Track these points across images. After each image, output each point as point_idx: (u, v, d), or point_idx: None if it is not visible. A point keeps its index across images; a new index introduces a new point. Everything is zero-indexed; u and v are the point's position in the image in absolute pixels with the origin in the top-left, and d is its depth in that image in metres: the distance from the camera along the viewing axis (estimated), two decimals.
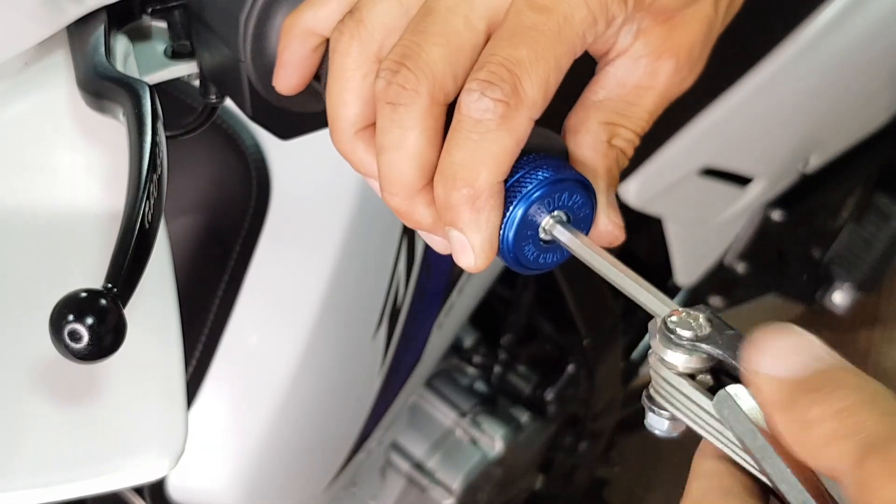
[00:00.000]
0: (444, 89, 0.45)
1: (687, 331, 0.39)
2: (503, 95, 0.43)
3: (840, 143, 1.42)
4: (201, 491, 0.95)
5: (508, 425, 1.31)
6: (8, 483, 0.52)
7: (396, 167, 0.46)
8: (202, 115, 0.63)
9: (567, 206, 0.45)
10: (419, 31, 0.45)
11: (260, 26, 0.53)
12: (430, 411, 1.29)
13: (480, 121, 0.44)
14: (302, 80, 0.52)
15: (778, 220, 1.48)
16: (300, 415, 0.96)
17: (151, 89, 0.49)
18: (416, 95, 0.45)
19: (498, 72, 0.44)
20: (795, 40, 1.19)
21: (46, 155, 0.56)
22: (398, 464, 1.28)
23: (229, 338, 0.89)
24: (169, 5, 0.56)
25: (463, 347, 1.35)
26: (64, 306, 0.40)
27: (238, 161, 0.85)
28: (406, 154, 0.45)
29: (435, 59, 0.45)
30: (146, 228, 0.45)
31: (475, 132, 0.44)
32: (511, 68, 0.44)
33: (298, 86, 0.52)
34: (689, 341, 0.39)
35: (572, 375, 1.36)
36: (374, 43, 0.47)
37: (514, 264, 0.46)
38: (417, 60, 0.45)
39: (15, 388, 0.53)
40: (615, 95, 0.49)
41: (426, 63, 0.44)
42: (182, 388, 0.55)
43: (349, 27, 0.47)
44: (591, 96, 0.49)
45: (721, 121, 1.19)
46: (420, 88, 0.44)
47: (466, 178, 0.44)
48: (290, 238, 0.88)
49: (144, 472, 0.54)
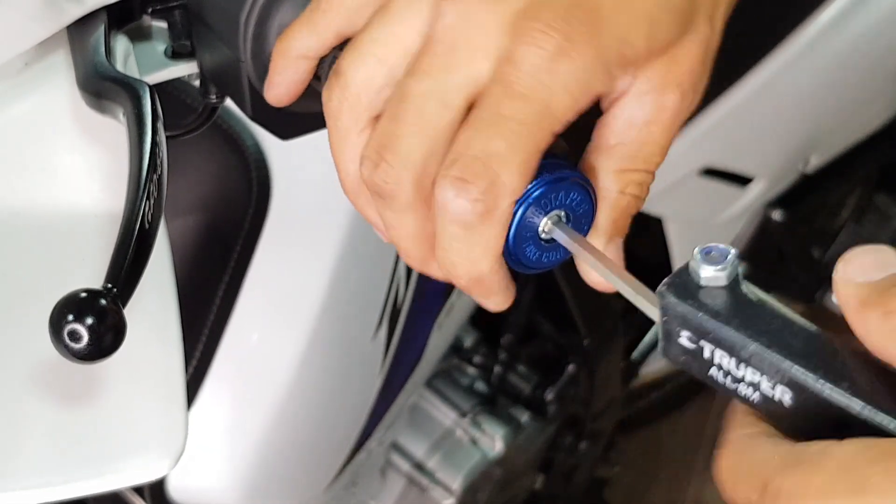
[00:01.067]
0: (427, 174, 0.44)
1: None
2: (480, 194, 0.43)
3: (840, 143, 1.42)
4: (201, 491, 0.95)
5: (508, 425, 1.31)
6: (8, 483, 0.52)
7: (402, 244, 0.47)
8: (202, 115, 0.63)
9: (566, 205, 0.45)
10: (395, 119, 0.44)
11: (260, 26, 0.53)
12: (431, 411, 1.29)
13: (460, 219, 0.43)
14: (293, 97, 0.52)
15: (778, 220, 1.48)
16: (300, 415, 0.96)
17: (151, 89, 0.49)
18: (399, 187, 0.44)
19: (472, 167, 0.43)
20: (795, 40, 1.19)
21: (46, 155, 0.56)
22: (398, 464, 1.28)
23: (229, 338, 0.89)
24: (169, 5, 0.56)
25: (463, 347, 1.35)
26: (64, 306, 0.40)
27: (238, 161, 0.85)
28: (406, 234, 0.46)
29: (413, 149, 0.44)
30: (146, 228, 0.45)
31: (459, 229, 0.44)
32: (487, 162, 0.43)
33: (289, 101, 0.52)
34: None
35: (572, 375, 1.36)
36: (362, 104, 0.46)
37: (516, 265, 0.46)
38: (396, 152, 0.44)
39: (15, 388, 0.53)
40: (626, 139, 0.47)
41: (405, 154, 0.44)
42: (182, 388, 0.55)
43: (336, 92, 0.47)
44: (601, 142, 0.47)
45: (721, 121, 1.19)
46: (402, 180, 0.44)
47: (467, 271, 0.45)
48: (291, 238, 0.88)
49: (144, 472, 0.54)
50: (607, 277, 0.44)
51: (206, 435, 0.92)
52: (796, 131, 1.31)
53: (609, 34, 0.43)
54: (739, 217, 1.39)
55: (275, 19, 0.53)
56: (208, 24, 0.55)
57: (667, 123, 0.47)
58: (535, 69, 0.43)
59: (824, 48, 1.21)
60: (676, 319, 0.40)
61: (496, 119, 0.43)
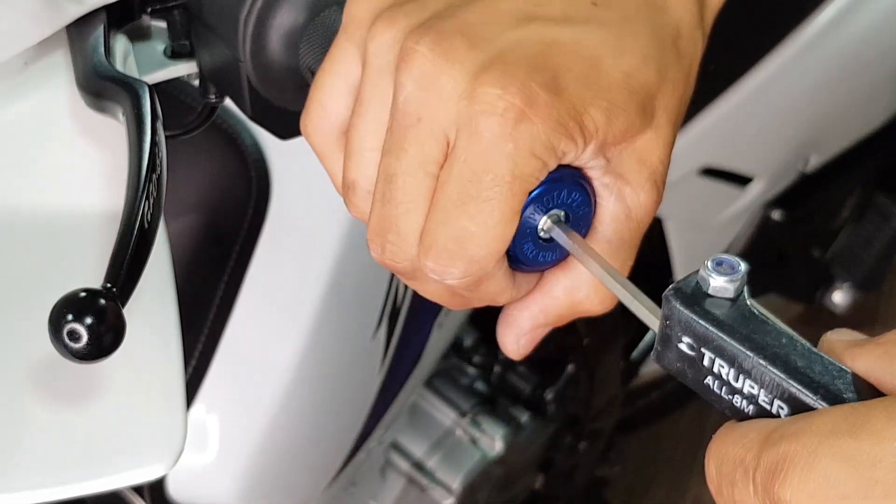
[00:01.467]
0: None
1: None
2: (462, 273, 0.44)
3: (840, 143, 1.42)
4: (201, 490, 0.95)
5: (508, 425, 1.31)
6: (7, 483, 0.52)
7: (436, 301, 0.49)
8: (202, 115, 0.63)
9: (566, 205, 0.45)
10: (385, 201, 0.45)
11: (259, 26, 0.52)
12: (430, 411, 1.29)
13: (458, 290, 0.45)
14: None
15: (778, 219, 1.48)
16: (300, 414, 0.96)
17: (151, 89, 0.49)
18: (411, 262, 0.45)
19: (445, 255, 0.44)
20: (795, 40, 1.19)
21: (46, 154, 0.56)
22: (398, 463, 1.28)
23: (229, 337, 0.89)
24: (168, 5, 0.56)
25: (463, 347, 1.35)
26: (63, 306, 0.40)
27: (238, 161, 0.85)
28: (435, 296, 0.48)
29: (410, 226, 0.44)
30: (145, 228, 0.45)
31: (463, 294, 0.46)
32: (461, 245, 0.43)
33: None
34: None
35: (572, 375, 1.36)
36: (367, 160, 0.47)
37: (513, 262, 0.46)
38: (396, 232, 0.45)
39: (14, 388, 0.53)
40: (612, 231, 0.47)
41: (405, 232, 0.45)
42: (181, 388, 0.55)
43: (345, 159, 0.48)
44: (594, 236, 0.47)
45: (721, 120, 1.18)
46: (410, 256, 0.45)
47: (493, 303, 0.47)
48: (290, 237, 0.88)
49: (143, 472, 0.54)
50: (604, 280, 0.45)
51: (205, 434, 0.92)
52: (796, 131, 1.31)
53: (569, 101, 0.42)
54: (739, 217, 1.39)
55: (274, 19, 0.53)
56: (208, 23, 0.55)
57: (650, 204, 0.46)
58: (496, 138, 0.42)
59: (824, 48, 1.21)
60: (679, 325, 0.40)
61: (464, 198, 0.43)
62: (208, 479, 0.95)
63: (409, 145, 0.44)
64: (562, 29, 0.44)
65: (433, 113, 0.43)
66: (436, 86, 0.43)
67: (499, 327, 0.50)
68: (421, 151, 0.43)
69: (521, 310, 0.49)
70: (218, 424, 0.93)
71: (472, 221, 0.43)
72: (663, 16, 0.46)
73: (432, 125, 0.43)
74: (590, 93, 0.43)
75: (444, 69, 0.42)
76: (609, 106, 0.43)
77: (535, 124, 0.42)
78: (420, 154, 0.43)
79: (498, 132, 0.42)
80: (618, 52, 0.44)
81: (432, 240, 0.44)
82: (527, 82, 0.42)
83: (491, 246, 0.43)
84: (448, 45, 0.43)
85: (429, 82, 0.43)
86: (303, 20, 0.52)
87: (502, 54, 0.42)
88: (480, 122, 0.42)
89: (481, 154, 0.42)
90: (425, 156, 0.43)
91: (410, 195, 0.44)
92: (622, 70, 0.44)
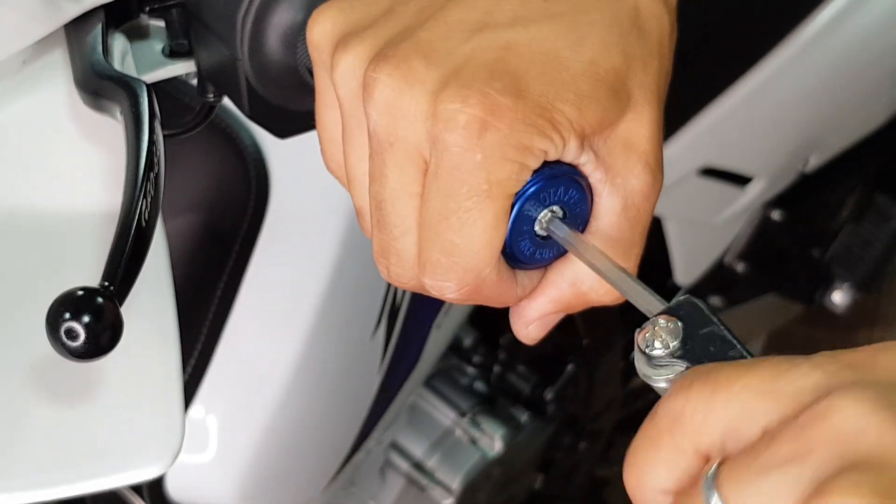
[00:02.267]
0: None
1: (660, 348, 0.40)
2: (457, 285, 0.45)
3: (840, 143, 1.42)
4: (200, 490, 0.95)
5: (508, 425, 1.31)
6: (5, 483, 0.52)
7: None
8: (200, 114, 0.63)
9: (563, 201, 0.45)
10: (380, 227, 0.46)
11: (257, 25, 0.52)
12: (430, 411, 1.29)
13: (457, 300, 0.46)
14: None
15: (778, 219, 1.48)
16: (299, 414, 0.96)
17: (149, 88, 0.49)
18: (416, 281, 0.46)
19: (437, 271, 0.44)
20: (795, 40, 1.19)
21: (44, 153, 0.56)
22: (397, 463, 1.28)
23: (228, 337, 0.89)
24: (166, 4, 0.56)
25: (462, 347, 1.35)
26: (60, 304, 0.40)
27: (236, 160, 0.85)
28: (451, 298, 0.47)
29: (406, 248, 0.45)
30: (143, 227, 0.45)
31: (467, 297, 0.46)
32: (450, 259, 0.44)
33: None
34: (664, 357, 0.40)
35: (572, 375, 1.36)
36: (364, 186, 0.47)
37: (510, 260, 0.46)
38: (396, 255, 0.46)
39: (13, 387, 0.53)
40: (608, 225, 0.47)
41: (403, 254, 0.45)
42: (179, 387, 0.55)
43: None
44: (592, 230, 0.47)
45: (721, 120, 1.18)
46: (414, 275, 0.46)
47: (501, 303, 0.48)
48: (289, 237, 0.88)
49: (141, 472, 0.54)
50: (599, 273, 0.45)
51: (204, 434, 0.92)
52: (796, 131, 1.31)
53: (534, 101, 0.43)
54: (739, 217, 1.39)
55: (272, 18, 0.52)
56: (206, 22, 0.55)
57: (646, 189, 0.46)
58: (464, 151, 0.42)
59: (824, 48, 1.21)
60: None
61: (445, 213, 0.43)
62: (207, 479, 0.94)
63: (388, 171, 0.44)
64: (515, 31, 0.44)
65: (404, 136, 0.43)
66: (401, 110, 0.43)
67: (510, 317, 0.50)
68: (401, 175, 0.44)
69: (529, 300, 0.49)
70: (217, 424, 0.93)
71: (457, 235, 0.43)
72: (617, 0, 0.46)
73: (406, 148, 0.44)
74: (553, 88, 0.43)
75: (405, 92, 0.43)
76: (576, 97, 0.43)
77: (499, 130, 0.42)
78: (401, 178, 0.44)
79: (465, 145, 0.42)
80: (576, 43, 0.44)
81: (426, 258, 0.45)
82: (485, 91, 0.42)
83: (480, 254, 0.44)
84: (406, 68, 0.43)
85: (394, 108, 0.43)
86: (301, 19, 0.52)
87: (459, 68, 0.43)
88: (446, 138, 0.42)
89: (453, 169, 0.43)
90: (406, 179, 0.44)
91: (400, 218, 0.45)
92: (583, 60, 0.44)
